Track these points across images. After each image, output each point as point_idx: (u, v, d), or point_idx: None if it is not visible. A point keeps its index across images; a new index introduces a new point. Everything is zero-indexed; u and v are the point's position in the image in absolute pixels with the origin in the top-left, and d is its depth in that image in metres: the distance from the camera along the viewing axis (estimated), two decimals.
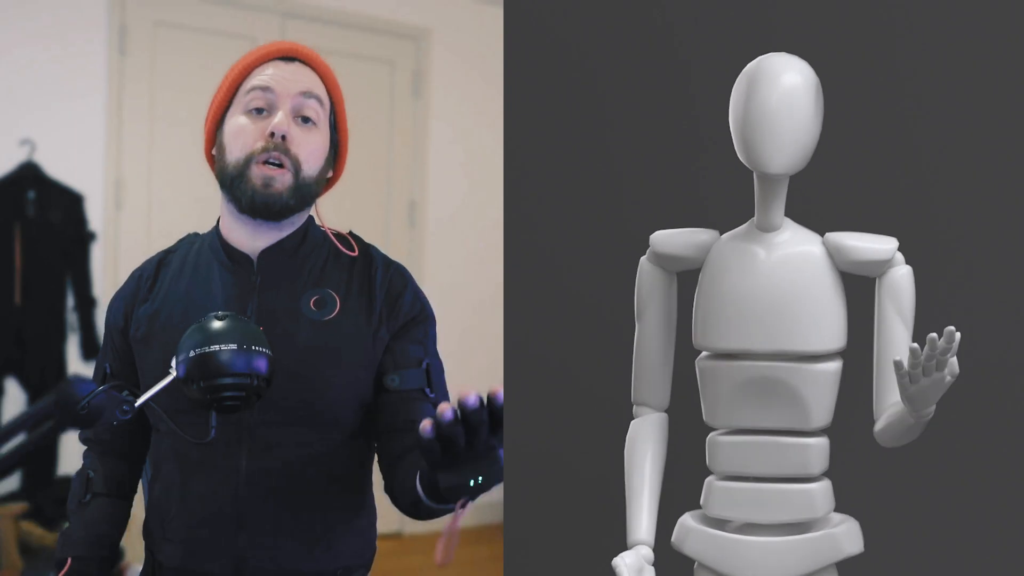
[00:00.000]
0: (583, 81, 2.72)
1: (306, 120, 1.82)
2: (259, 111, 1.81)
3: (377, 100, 4.96)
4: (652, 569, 1.76)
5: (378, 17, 4.92)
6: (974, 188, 2.52)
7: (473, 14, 5.08)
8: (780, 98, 1.70)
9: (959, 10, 2.51)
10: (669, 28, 2.66)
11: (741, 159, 1.75)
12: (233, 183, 1.79)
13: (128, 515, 1.94)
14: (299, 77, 1.84)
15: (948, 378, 1.64)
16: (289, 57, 1.85)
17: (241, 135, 1.80)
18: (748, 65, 1.76)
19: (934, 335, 1.61)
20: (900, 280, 1.78)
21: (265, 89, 1.81)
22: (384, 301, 1.83)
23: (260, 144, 1.78)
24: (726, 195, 2.01)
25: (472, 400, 1.24)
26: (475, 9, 5.08)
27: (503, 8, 2.73)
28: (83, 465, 1.93)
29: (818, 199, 1.86)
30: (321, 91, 1.86)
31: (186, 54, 4.42)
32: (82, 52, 4.29)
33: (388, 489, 1.78)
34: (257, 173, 1.78)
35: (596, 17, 2.72)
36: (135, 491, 1.95)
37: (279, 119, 1.79)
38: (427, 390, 1.81)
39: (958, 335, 1.61)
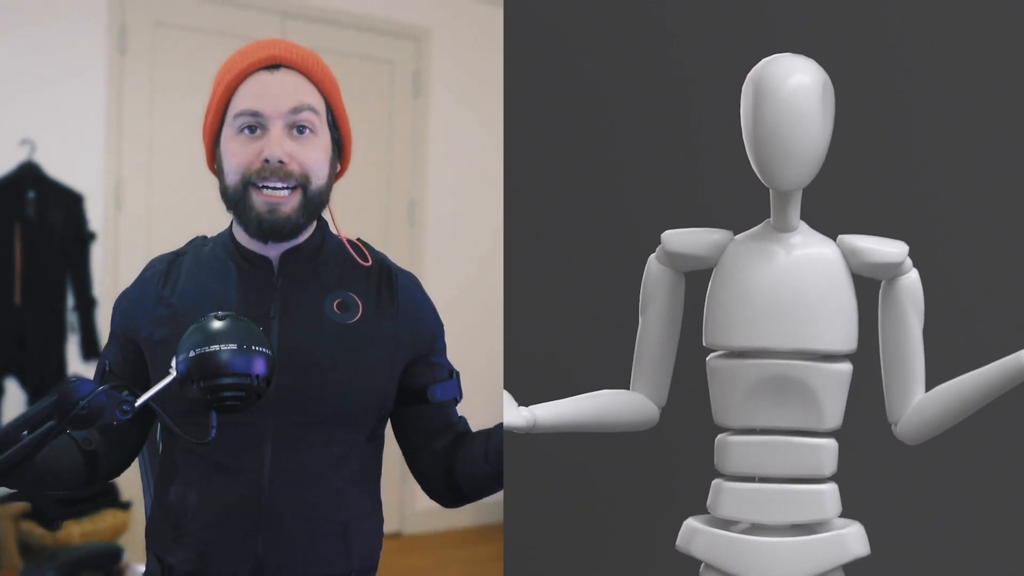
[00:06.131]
0: (584, 81, 2.72)
1: (302, 130, 1.78)
2: (251, 130, 1.76)
3: (377, 100, 4.96)
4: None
5: (378, 17, 4.92)
6: (967, 191, 2.52)
7: (473, 14, 5.07)
8: (787, 113, 1.67)
9: (971, 13, 2.50)
10: (670, 27, 2.66)
11: (755, 171, 1.73)
12: (236, 208, 1.78)
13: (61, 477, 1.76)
14: (288, 89, 1.77)
15: None
16: (274, 64, 1.78)
17: (235, 159, 1.77)
18: (754, 69, 1.72)
19: None
20: (914, 284, 1.79)
21: (254, 114, 1.76)
22: (411, 321, 1.85)
23: (256, 167, 1.75)
24: (729, 193, 2.01)
25: None
26: (475, 9, 5.07)
27: (503, 8, 2.73)
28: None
29: (820, 202, 1.85)
30: (313, 97, 1.79)
31: (186, 54, 4.41)
32: (82, 52, 4.28)
33: (420, 476, 1.90)
34: (258, 200, 1.75)
35: (597, 17, 2.72)
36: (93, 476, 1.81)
37: (272, 142, 1.74)
38: (458, 396, 1.91)
39: None
